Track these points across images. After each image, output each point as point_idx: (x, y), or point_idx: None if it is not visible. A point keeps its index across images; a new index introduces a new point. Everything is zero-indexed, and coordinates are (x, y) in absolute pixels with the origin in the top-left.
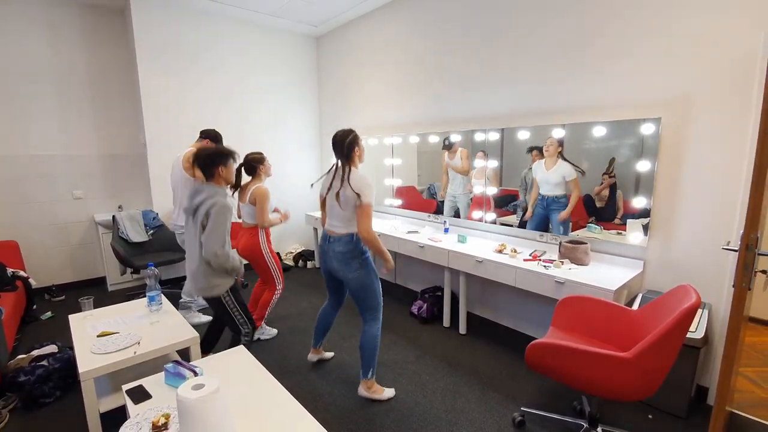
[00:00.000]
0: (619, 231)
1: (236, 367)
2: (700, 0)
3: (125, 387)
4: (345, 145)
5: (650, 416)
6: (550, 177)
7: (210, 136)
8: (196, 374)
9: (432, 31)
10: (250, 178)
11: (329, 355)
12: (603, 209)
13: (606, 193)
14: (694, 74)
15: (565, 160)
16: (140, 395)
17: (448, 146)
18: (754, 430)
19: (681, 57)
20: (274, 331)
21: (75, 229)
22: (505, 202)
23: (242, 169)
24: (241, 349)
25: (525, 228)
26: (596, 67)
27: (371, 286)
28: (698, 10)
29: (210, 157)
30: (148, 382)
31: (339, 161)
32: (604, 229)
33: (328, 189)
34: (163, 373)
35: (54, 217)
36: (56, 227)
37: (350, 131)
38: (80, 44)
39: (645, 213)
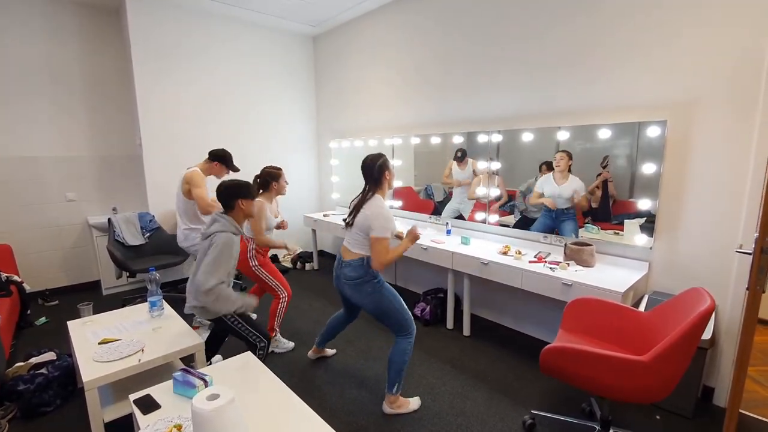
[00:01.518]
0: (616, 231)
1: (245, 374)
2: (707, 4)
3: (132, 397)
4: (375, 169)
5: (658, 417)
6: (563, 192)
7: (219, 157)
8: (206, 383)
9: (433, 30)
10: (261, 192)
11: (331, 352)
12: (598, 210)
13: (599, 194)
14: (700, 77)
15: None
16: (149, 405)
17: (460, 158)
18: (758, 430)
19: (686, 59)
20: (291, 344)
21: (68, 232)
22: (502, 203)
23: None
24: (248, 356)
25: (521, 228)
26: (600, 68)
27: (389, 307)
28: (704, 13)
29: (230, 189)
30: (156, 391)
31: (367, 186)
32: (602, 229)
33: (352, 214)
34: (170, 381)
35: (47, 219)
36: (49, 230)
37: (380, 155)
38: (74, 44)
39: (643, 213)
